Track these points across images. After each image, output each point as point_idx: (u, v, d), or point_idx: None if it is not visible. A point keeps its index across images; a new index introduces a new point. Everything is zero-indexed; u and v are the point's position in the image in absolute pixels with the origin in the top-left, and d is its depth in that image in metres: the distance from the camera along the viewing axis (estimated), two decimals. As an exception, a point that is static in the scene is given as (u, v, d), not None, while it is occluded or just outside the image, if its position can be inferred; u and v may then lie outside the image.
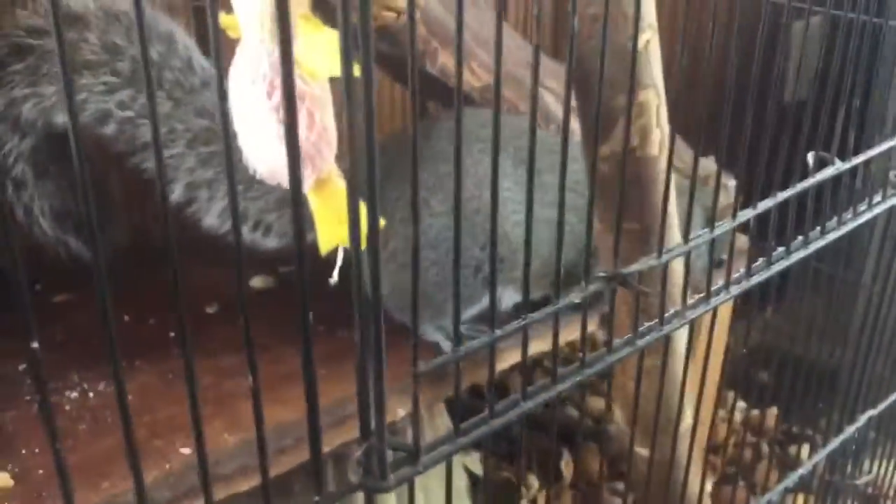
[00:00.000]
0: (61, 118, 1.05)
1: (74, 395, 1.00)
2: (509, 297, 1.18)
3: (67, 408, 0.99)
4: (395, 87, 1.59)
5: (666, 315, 0.72)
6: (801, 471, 0.97)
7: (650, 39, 0.91)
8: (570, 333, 1.15)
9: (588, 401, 1.57)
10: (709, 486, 1.23)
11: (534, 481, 1.45)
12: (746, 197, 0.85)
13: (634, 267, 0.66)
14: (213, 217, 1.12)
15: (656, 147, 0.95)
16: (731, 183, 1.15)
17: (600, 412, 1.50)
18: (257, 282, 1.26)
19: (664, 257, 0.70)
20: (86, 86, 1.05)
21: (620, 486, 1.43)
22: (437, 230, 1.11)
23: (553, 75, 1.30)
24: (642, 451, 1.07)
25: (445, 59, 1.21)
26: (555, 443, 0.85)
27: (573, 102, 0.89)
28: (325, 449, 1.05)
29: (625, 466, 1.47)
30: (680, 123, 0.85)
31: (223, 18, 0.80)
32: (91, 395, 1.01)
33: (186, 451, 0.93)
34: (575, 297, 0.62)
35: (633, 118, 0.93)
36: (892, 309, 1.10)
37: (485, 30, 1.28)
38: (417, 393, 0.54)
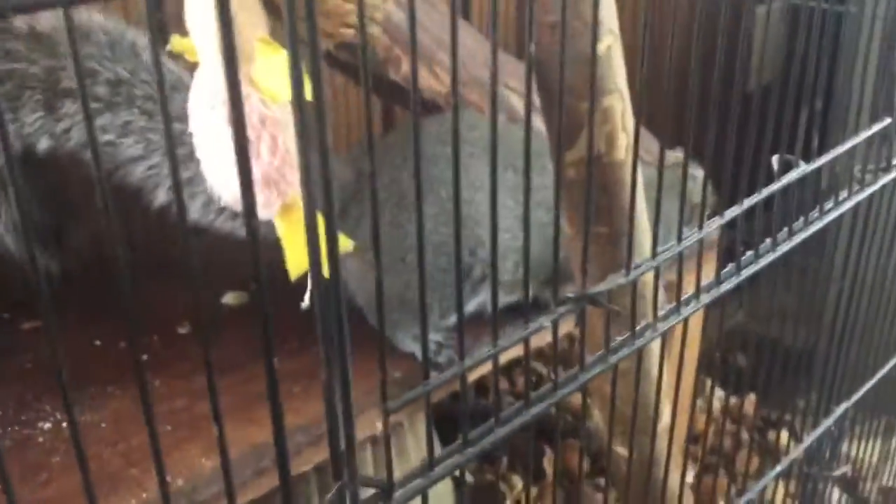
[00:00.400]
0: (43, 144, 1.04)
1: (47, 425, 0.98)
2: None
3: (41, 440, 0.96)
4: (360, 92, 1.57)
5: (638, 328, 0.72)
6: (777, 468, 0.98)
7: (611, 45, 0.91)
8: (546, 336, 1.15)
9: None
10: (690, 478, 1.24)
11: (517, 481, 1.46)
12: (715, 188, 0.85)
13: (602, 286, 0.66)
14: (196, 212, 1.11)
15: (623, 152, 0.95)
16: (698, 173, 1.15)
17: (580, 408, 1.51)
18: (230, 298, 1.23)
19: (632, 274, 0.69)
20: (68, 114, 1.03)
21: (603, 481, 1.44)
22: (424, 233, 1.09)
23: (517, 76, 1.30)
24: (621, 450, 1.07)
25: (408, 67, 1.20)
26: (532, 445, 0.86)
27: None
28: (305, 468, 1.04)
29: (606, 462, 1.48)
30: (646, 116, 0.84)
31: (178, 41, 0.78)
32: (65, 425, 0.99)
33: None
34: (545, 320, 0.62)
35: (598, 124, 0.93)
36: (863, 301, 1.11)
37: (447, 35, 1.27)
38: (388, 431, 0.54)
